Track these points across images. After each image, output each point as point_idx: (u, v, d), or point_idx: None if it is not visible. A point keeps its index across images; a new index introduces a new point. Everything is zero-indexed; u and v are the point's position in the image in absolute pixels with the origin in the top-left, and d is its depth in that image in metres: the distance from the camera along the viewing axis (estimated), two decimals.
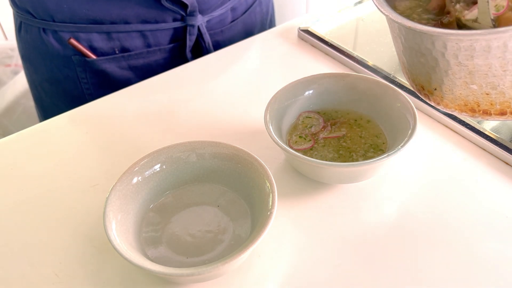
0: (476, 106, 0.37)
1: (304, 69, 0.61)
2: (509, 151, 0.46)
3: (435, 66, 0.37)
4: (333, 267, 0.39)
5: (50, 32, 0.65)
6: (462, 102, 0.38)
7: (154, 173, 0.42)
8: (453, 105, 0.39)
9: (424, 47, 0.37)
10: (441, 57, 0.36)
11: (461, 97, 0.37)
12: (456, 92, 0.37)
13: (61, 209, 0.45)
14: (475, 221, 0.42)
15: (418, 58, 0.38)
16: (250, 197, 0.41)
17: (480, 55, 0.33)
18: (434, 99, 0.40)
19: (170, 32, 0.67)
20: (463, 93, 0.37)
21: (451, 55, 0.35)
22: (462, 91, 0.37)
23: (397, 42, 0.41)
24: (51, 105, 0.75)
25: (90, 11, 0.63)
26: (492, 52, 0.33)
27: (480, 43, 0.32)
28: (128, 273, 0.39)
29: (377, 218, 0.43)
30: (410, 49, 0.39)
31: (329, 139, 0.47)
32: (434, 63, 0.37)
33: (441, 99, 0.39)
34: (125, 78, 0.69)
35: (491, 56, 0.33)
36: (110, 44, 0.66)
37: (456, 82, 0.36)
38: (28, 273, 0.39)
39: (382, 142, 0.46)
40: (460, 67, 0.35)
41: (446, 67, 0.36)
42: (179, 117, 0.55)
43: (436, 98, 0.39)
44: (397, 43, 0.41)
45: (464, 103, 0.38)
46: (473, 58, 0.34)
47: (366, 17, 0.70)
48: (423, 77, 0.39)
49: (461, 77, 0.36)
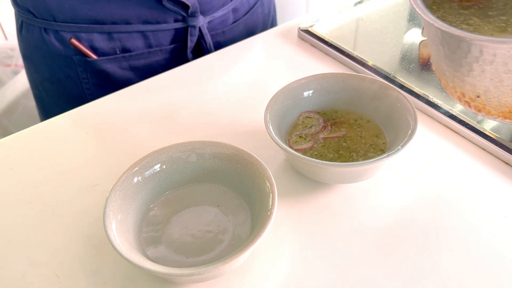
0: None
1: (304, 69, 0.61)
2: (509, 151, 0.46)
3: (480, 74, 0.36)
4: (333, 267, 0.39)
5: (51, 32, 0.65)
6: (507, 109, 0.37)
7: (154, 173, 0.42)
8: (496, 112, 0.38)
9: (470, 56, 0.36)
10: (489, 65, 0.35)
11: (506, 104, 0.37)
12: (502, 99, 0.37)
13: (61, 209, 0.45)
14: (475, 221, 0.42)
15: (462, 67, 0.38)
16: (250, 197, 0.41)
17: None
18: (475, 106, 0.39)
19: (171, 33, 0.67)
20: (509, 100, 0.36)
21: (500, 63, 0.34)
22: (509, 98, 0.36)
23: (438, 50, 0.40)
24: (52, 104, 0.75)
25: (91, 11, 0.63)
26: None
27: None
28: (128, 273, 0.39)
29: (377, 218, 0.43)
30: (454, 57, 0.38)
31: (329, 139, 0.47)
32: (480, 71, 0.36)
33: (483, 106, 0.39)
34: (126, 78, 0.69)
35: None
36: (111, 44, 0.66)
37: (502, 89, 0.36)
38: (28, 273, 0.39)
39: (382, 142, 0.46)
40: (509, 75, 0.35)
41: (493, 75, 0.35)
42: (179, 117, 0.55)
43: (478, 106, 0.39)
44: (438, 51, 0.40)
45: (509, 110, 0.37)
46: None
47: (366, 17, 0.70)
48: (465, 84, 0.39)
49: (509, 85, 0.35)
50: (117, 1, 0.62)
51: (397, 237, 0.41)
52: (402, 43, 0.65)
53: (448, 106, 0.52)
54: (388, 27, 0.68)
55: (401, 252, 0.40)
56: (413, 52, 0.63)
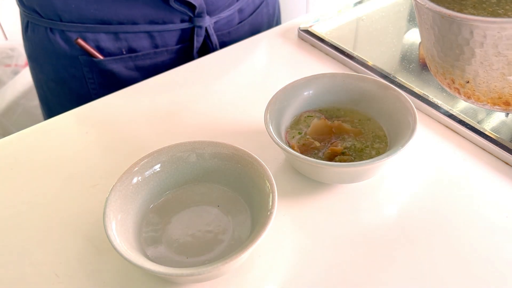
0: (511, 99, 0.37)
1: (304, 69, 0.61)
2: (509, 151, 0.46)
3: (471, 58, 0.36)
4: (333, 267, 0.39)
5: (57, 32, 0.65)
6: (496, 95, 0.37)
7: (154, 173, 0.42)
8: (485, 98, 0.38)
9: (461, 37, 0.35)
10: (479, 47, 0.34)
11: (495, 90, 0.36)
12: (491, 84, 0.36)
13: (61, 209, 0.45)
14: (475, 221, 0.42)
15: (453, 50, 0.37)
16: (250, 197, 0.41)
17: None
18: (465, 92, 0.39)
19: (177, 33, 0.67)
20: (498, 85, 0.36)
21: (491, 45, 0.34)
22: (498, 83, 0.36)
23: (429, 33, 0.40)
24: (57, 105, 0.75)
25: (97, 11, 0.63)
26: None
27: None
28: (128, 273, 0.39)
29: (377, 218, 0.43)
30: (444, 40, 0.38)
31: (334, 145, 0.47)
32: (470, 54, 0.35)
33: (473, 93, 0.38)
34: (131, 79, 0.69)
35: None
36: (117, 44, 0.66)
37: (492, 73, 0.35)
38: (28, 273, 0.39)
39: (384, 135, 0.46)
40: (499, 58, 0.34)
41: (483, 58, 0.35)
42: (179, 117, 0.55)
43: (467, 92, 0.39)
44: (429, 34, 0.40)
45: (499, 96, 0.37)
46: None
47: (366, 17, 0.70)
48: (455, 69, 0.38)
49: (498, 68, 0.35)
50: (124, 1, 0.62)
51: (397, 237, 0.41)
52: (402, 43, 0.65)
53: (448, 106, 0.52)
54: (388, 27, 0.68)
55: (401, 252, 0.40)
56: (413, 52, 0.63)
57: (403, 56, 0.63)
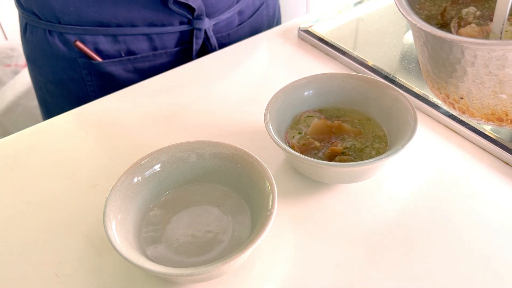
0: (504, 115, 0.37)
1: (304, 69, 0.61)
2: (509, 151, 0.46)
3: (463, 76, 0.36)
4: (333, 267, 0.39)
5: (56, 34, 0.65)
6: (489, 111, 0.37)
7: (154, 173, 0.42)
8: (479, 114, 0.38)
9: (453, 57, 0.36)
10: (470, 67, 0.35)
11: (488, 106, 0.37)
12: (484, 101, 0.37)
13: (61, 209, 0.45)
14: (475, 221, 0.42)
15: (445, 67, 0.38)
16: (250, 197, 0.41)
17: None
18: (459, 107, 0.39)
19: (176, 36, 0.67)
20: (491, 102, 0.36)
21: (481, 65, 0.34)
22: (491, 100, 0.36)
23: (423, 50, 0.40)
24: (56, 106, 0.75)
25: (96, 13, 0.62)
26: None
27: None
28: (128, 273, 0.39)
29: (377, 218, 0.43)
30: (437, 58, 0.38)
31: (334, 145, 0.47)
32: (463, 72, 0.36)
33: (467, 108, 0.38)
34: (130, 81, 0.68)
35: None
36: (116, 47, 0.66)
37: (484, 91, 0.36)
38: (28, 273, 0.39)
39: (384, 135, 0.46)
40: (490, 77, 0.35)
41: (475, 77, 0.35)
42: (178, 117, 0.55)
43: (462, 107, 0.39)
44: (423, 51, 0.40)
45: (492, 112, 0.37)
46: (504, 67, 0.33)
47: (366, 17, 0.70)
48: (449, 85, 0.39)
49: (490, 87, 0.35)
50: (123, 3, 0.62)
51: (397, 237, 0.41)
52: (402, 43, 0.65)
53: None
54: (388, 27, 0.68)
55: (402, 252, 0.40)
56: (413, 52, 0.63)
57: (403, 56, 0.63)
